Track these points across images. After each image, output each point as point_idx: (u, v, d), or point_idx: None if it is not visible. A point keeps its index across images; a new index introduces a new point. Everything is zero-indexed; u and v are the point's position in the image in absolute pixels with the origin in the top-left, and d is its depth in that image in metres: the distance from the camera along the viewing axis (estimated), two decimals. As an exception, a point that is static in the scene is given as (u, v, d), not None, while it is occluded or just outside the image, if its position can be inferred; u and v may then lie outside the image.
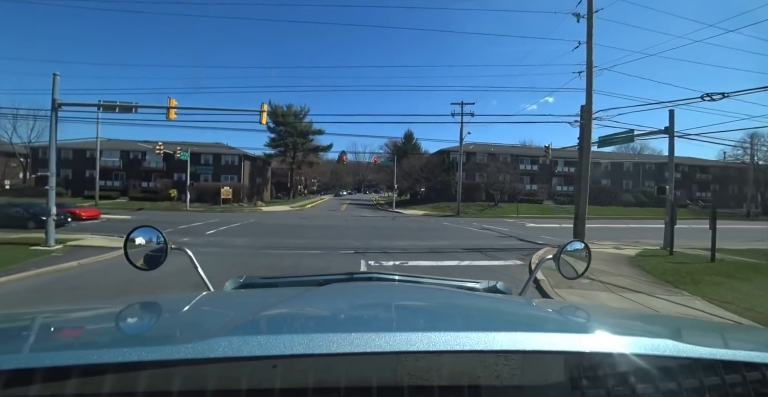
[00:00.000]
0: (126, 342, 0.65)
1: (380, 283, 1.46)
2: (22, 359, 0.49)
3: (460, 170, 30.48)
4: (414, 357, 0.54)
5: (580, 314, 1.02)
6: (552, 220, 28.73)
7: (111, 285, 6.71)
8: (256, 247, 11.54)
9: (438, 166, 38.16)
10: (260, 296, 1.23)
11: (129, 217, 21.35)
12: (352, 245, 12.58)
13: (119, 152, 37.87)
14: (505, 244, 13.78)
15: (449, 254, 10.93)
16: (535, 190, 40.19)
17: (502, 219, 28.50)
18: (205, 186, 34.98)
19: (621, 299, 6.12)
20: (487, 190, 37.33)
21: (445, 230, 18.56)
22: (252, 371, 0.52)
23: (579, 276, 1.48)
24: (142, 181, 38.26)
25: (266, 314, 0.83)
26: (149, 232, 1.42)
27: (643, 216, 34.15)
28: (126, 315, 0.92)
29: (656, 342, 0.58)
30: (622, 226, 23.84)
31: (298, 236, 14.90)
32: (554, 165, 43.16)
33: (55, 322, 0.85)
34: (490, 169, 36.56)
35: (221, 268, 7.41)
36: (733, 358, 0.58)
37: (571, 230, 13.71)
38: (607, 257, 10.29)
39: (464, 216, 29.76)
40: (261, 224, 19.52)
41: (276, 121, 42.18)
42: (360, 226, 19.77)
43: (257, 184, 43.89)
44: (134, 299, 1.36)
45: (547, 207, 36.77)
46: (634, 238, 15.77)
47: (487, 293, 1.45)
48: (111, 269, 7.98)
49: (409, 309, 0.99)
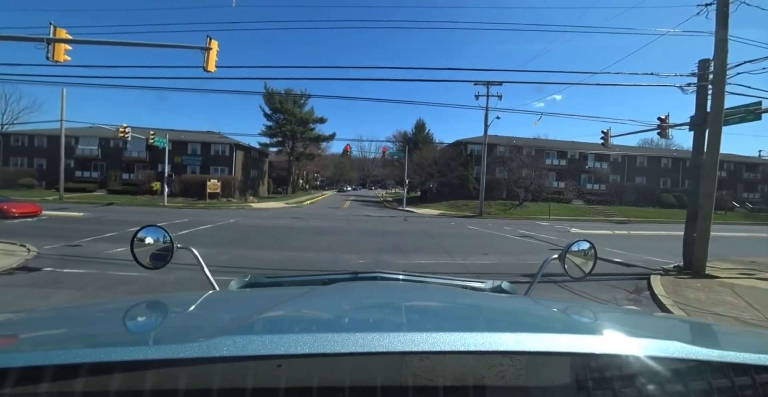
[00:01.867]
0: (133, 341, 0.66)
1: (385, 282, 1.46)
2: (31, 357, 0.50)
3: (484, 163, 25.99)
4: (418, 357, 0.54)
5: (587, 314, 0.99)
6: (591, 223, 24.26)
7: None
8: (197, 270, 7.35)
9: (454, 159, 33.69)
10: (265, 296, 1.22)
11: (82, 214, 17.34)
12: (353, 262, 8.41)
13: (98, 140, 33.92)
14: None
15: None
16: (561, 187, 35.63)
17: (533, 221, 24.09)
18: (191, 178, 30.94)
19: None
20: (509, 187, 32.88)
21: (476, 238, 14.26)
22: (257, 370, 0.53)
23: (585, 276, 1.48)
24: (123, 173, 34.34)
25: (271, 313, 0.82)
26: (156, 231, 1.41)
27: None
28: (132, 314, 0.92)
29: (664, 344, 0.57)
30: (682, 234, 19.27)
31: (279, 246, 10.73)
32: (583, 160, 38.53)
33: (62, 320, 0.86)
34: (513, 164, 32.04)
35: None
36: (743, 361, 0.57)
37: (631, 239, 9.40)
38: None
39: (487, 217, 25.42)
40: (239, 226, 15.37)
41: (273, 108, 37.92)
42: (365, 230, 15.54)
43: (252, 178, 39.80)
44: (140, 298, 1.38)
45: (578, 208, 32.24)
46: (746, 253, 11.26)
47: (493, 293, 1.49)
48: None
49: (413, 309, 0.98)
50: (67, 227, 13.14)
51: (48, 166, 33.56)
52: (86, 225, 13.56)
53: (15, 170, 32.61)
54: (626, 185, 36.40)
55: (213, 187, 29.34)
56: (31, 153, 34.91)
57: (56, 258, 7.97)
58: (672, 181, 39.07)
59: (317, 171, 71.45)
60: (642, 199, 34.60)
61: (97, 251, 8.90)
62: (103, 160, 34.53)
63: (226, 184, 30.97)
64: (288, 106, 37.60)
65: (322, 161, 66.92)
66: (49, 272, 6.80)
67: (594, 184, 37.63)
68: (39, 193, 28.96)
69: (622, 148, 42.57)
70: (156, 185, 31.87)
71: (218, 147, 35.00)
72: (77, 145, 34.15)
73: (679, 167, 39.58)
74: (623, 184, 36.98)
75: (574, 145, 39.57)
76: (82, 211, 18.91)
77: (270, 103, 37.77)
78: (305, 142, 40.94)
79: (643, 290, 6.97)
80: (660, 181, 38.67)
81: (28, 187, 31.60)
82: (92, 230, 12.28)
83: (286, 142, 39.57)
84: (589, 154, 38.73)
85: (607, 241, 14.38)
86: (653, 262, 10.19)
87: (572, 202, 34.73)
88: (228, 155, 34.88)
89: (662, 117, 12.58)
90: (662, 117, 12.58)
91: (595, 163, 38.48)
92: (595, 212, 30.67)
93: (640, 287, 7.17)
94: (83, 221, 15.21)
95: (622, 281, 7.73)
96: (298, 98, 39.26)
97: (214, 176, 31.37)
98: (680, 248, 13.05)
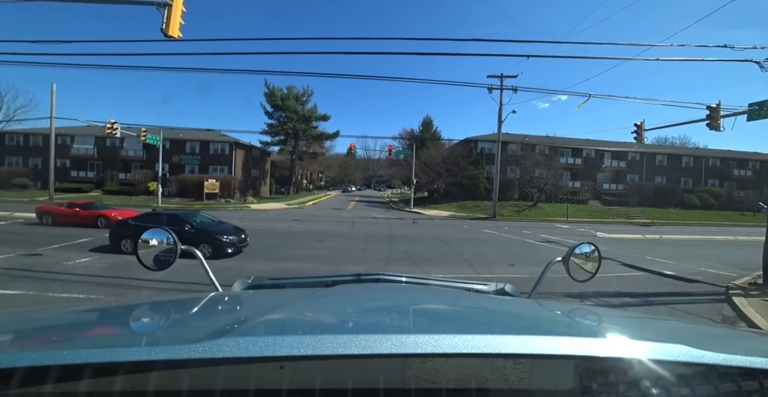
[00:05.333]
0: (137, 342, 0.66)
1: (388, 284, 1.46)
2: (35, 357, 0.50)
3: (498, 161, 24.23)
4: (421, 359, 0.54)
5: (591, 317, 0.97)
6: (614, 225, 22.51)
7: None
8: (154, 291, 5.85)
9: (464, 157, 31.97)
10: (268, 297, 1.21)
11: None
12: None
13: (93, 139, 32.76)
14: (635, 283, 7.82)
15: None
16: (577, 187, 33.79)
17: (551, 224, 22.41)
18: (188, 178, 29.63)
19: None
20: (522, 187, 31.16)
21: (495, 244, 12.67)
22: (259, 371, 0.53)
23: (590, 278, 1.42)
24: (120, 173, 33.13)
25: (274, 314, 0.82)
26: (160, 233, 1.40)
27: (719, 222, 27.67)
28: (136, 315, 0.92)
29: (669, 347, 0.57)
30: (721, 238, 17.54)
31: (271, 255, 9.24)
32: (599, 158, 36.66)
33: (67, 321, 0.85)
34: (527, 163, 30.30)
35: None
36: (750, 365, 0.56)
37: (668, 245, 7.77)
38: None
39: (501, 219, 23.78)
40: (232, 229, 13.93)
41: (274, 105, 36.50)
42: (371, 234, 14.02)
43: (253, 178, 38.45)
44: (144, 300, 1.48)
45: (597, 209, 30.42)
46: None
47: (496, 295, 1.45)
48: None
49: (416, 311, 0.97)
50: (39, 231, 11.79)
51: (43, 166, 32.42)
52: (62, 229, 12.21)
53: (9, 170, 31.56)
54: (646, 185, 34.42)
55: (211, 188, 28.02)
56: (26, 152, 33.84)
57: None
58: (693, 181, 36.99)
59: (321, 171, 70.08)
60: (663, 199, 32.63)
61: (54, 263, 7.49)
62: (99, 159, 33.33)
63: (225, 184, 29.63)
64: (290, 104, 36.11)
65: (327, 161, 65.48)
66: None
67: (611, 184, 35.72)
68: (31, 194, 27.86)
69: (640, 145, 40.62)
70: (153, 185, 30.60)
71: (217, 146, 33.65)
72: (72, 144, 33.04)
73: (701, 166, 37.51)
74: (642, 183, 35.01)
75: (589, 143, 37.71)
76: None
77: (271, 101, 36.36)
78: (308, 141, 39.39)
79: (735, 320, 5.37)
80: (681, 180, 36.63)
81: (22, 187, 30.56)
82: (66, 235, 10.92)
83: (289, 141, 38.02)
84: (605, 153, 36.85)
85: (644, 248, 12.70)
86: (712, 275, 8.55)
87: (588, 202, 32.91)
88: (228, 154, 33.52)
89: (713, 105, 10.88)
90: (713, 105, 10.88)
91: (612, 161, 36.51)
92: (614, 213, 28.87)
93: (726, 316, 5.56)
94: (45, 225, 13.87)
95: (693, 305, 6.13)
96: (300, 95, 37.84)
97: (212, 176, 30.03)
98: (733, 256, 11.27)
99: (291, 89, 37.11)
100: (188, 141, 33.41)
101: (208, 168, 33.03)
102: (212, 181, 28.31)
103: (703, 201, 33.66)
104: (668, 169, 37.09)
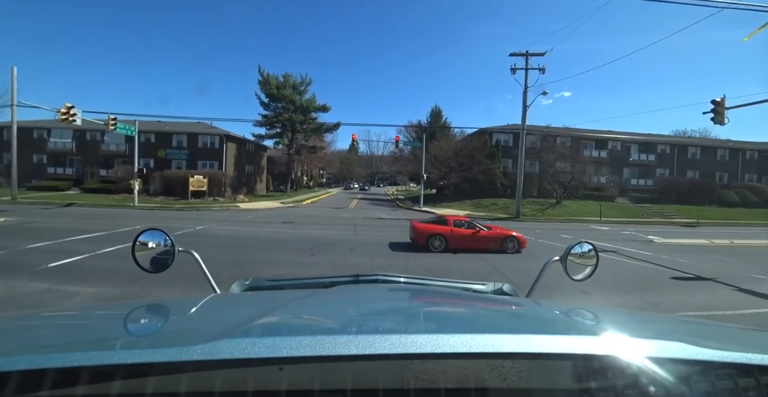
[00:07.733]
0: (135, 344, 0.66)
1: (387, 285, 1.46)
2: (32, 360, 0.50)
3: (522, 153, 20.99)
4: (420, 359, 0.54)
5: (589, 316, 0.98)
6: (656, 226, 19.40)
7: None
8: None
9: (478, 150, 28.85)
10: (267, 298, 1.20)
11: (4, 220, 13.17)
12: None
13: (72, 132, 29.96)
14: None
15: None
16: (602, 184, 30.64)
17: (585, 225, 19.35)
18: (173, 174, 26.75)
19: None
20: (542, 183, 28.06)
21: (541, 257, 9.65)
22: (258, 373, 0.53)
23: (587, 278, 1.46)
24: (101, 169, 30.35)
25: (273, 316, 0.82)
26: (157, 235, 1.38)
27: (766, 221, 24.49)
28: (134, 317, 0.91)
29: (667, 345, 0.57)
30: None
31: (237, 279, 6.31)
32: (626, 152, 33.45)
33: (64, 323, 0.85)
34: (550, 156, 27.20)
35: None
36: (747, 361, 0.57)
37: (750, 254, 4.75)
38: None
39: (524, 219, 20.76)
40: (201, 238, 11.04)
41: (269, 95, 33.48)
42: (378, 242, 11.06)
43: (247, 174, 35.57)
44: (142, 302, 1.40)
45: (627, 207, 27.29)
46: None
47: (494, 295, 1.47)
48: None
49: (415, 311, 0.98)
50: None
51: (19, 162, 29.73)
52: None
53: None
54: (679, 180, 31.18)
55: (197, 185, 25.14)
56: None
57: None
58: (729, 176, 33.72)
59: (322, 168, 67.16)
60: (699, 196, 29.42)
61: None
62: (78, 154, 30.59)
63: (214, 180, 26.76)
64: (286, 93, 33.08)
65: (328, 157, 62.53)
66: None
67: (638, 180, 32.55)
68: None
69: (669, 138, 37.30)
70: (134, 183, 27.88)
71: (207, 138, 30.76)
72: (49, 138, 30.28)
73: (738, 159, 34.20)
74: (674, 178, 31.78)
75: (614, 134, 34.47)
76: (20, 214, 14.82)
77: (266, 90, 33.32)
78: (306, 134, 36.38)
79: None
80: (716, 175, 33.36)
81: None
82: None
83: (285, 134, 35.04)
84: (632, 145, 33.63)
85: (731, 259, 9.61)
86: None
87: (615, 200, 29.78)
88: (218, 148, 30.62)
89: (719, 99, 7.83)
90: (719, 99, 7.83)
91: (641, 155, 33.30)
92: (648, 212, 25.75)
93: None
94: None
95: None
96: (298, 84, 34.79)
97: (200, 172, 27.16)
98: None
99: (287, 77, 34.09)
100: (175, 134, 30.56)
101: (197, 163, 30.21)
102: (198, 177, 25.44)
103: (743, 198, 30.42)
104: (702, 162, 33.83)
